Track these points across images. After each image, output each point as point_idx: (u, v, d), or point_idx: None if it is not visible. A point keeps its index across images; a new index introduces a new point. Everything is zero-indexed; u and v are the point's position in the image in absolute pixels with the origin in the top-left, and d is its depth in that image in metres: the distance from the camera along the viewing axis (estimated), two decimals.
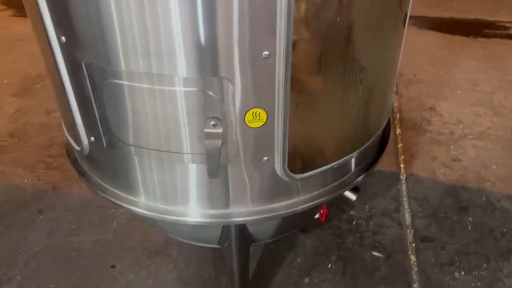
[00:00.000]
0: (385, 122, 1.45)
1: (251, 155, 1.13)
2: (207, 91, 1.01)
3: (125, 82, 1.04)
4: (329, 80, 1.11)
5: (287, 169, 1.16)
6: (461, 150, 2.46)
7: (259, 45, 0.97)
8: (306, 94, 1.10)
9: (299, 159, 1.19)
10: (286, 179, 1.19)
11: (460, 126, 2.66)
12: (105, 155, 1.26)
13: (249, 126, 1.08)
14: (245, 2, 0.92)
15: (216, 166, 1.10)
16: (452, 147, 2.49)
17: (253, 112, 1.06)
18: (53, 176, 2.32)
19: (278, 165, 1.15)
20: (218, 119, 1.05)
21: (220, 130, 1.06)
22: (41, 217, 2.09)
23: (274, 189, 1.23)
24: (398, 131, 2.61)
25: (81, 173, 1.39)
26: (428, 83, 3.13)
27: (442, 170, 2.33)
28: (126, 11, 0.95)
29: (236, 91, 1.02)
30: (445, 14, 4.23)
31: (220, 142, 1.06)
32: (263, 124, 1.08)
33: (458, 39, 3.76)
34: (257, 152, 1.13)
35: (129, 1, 0.93)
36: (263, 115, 1.07)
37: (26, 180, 2.31)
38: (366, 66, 1.14)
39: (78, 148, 1.31)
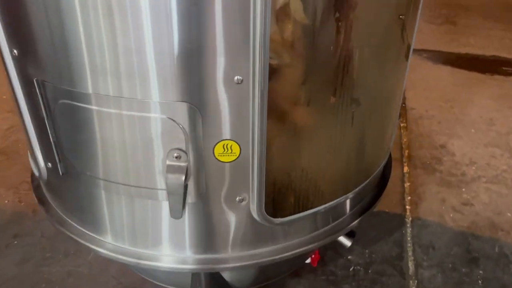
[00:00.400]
0: (385, 161, 1.29)
1: (222, 193, 0.97)
2: (169, 118, 0.87)
3: (78, 104, 0.90)
4: (315, 112, 0.95)
5: (264, 211, 1.00)
6: (473, 194, 2.26)
7: (229, 68, 0.83)
8: (287, 127, 0.94)
9: (279, 201, 1.02)
10: (264, 223, 1.02)
11: (473, 168, 2.47)
12: (65, 185, 1.12)
13: (219, 160, 0.92)
14: (213, 18, 0.78)
15: (178, 205, 0.94)
16: (463, 189, 2.30)
17: (224, 145, 0.91)
18: (35, 198, 2.18)
19: (254, 207, 0.99)
20: (182, 150, 0.90)
21: (184, 164, 0.91)
22: (15, 242, 1.94)
23: (251, 233, 1.06)
24: (405, 169, 2.43)
25: (42, 202, 1.25)
26: (440, 119, 2.95)
27: (451, 215, 2.13)
28: (76, 27, 0.82)
29: (203, 120, 0.87)
30: (462, 50, 4.07)
31: (183, 177, 0.90)
32: (236, 159, 0.93)
33: (474, 75, 3.59)
34: (229, 190, 0.97)
35: (77, 14, 0.80)
36: (236, 149, 0.92)
37: (6, 201, 2.17)
38: (359, 98, 0.99)
39: (36, 173, 1.17)
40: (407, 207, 2.16)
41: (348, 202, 1.24)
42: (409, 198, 2.22)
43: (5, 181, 2.31)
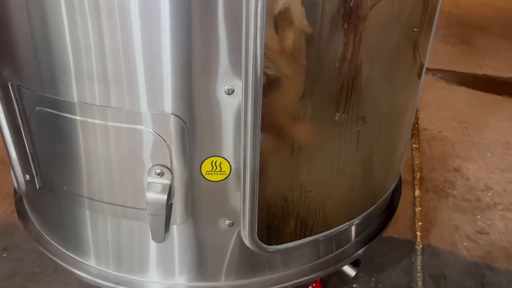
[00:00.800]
0: (394, 184, 1.17)
1: (210, 216, 0.87)
2: (150, 130, 0.77)
3: (54, 112, 0.81)
4: (316, 129, 0.85)
5: (256, 238, 0.89)
6: (489, 222, 2.12)
7: (219, 77, 0.73)
8: (284, 144, 0.84)
9: (274, 227, 0.92)
10: (256, 250, 0.91)
11: (489, 193, 2.33)
12: (44, 200, 1.02)
13: (207, 179, 0.82)
14: (204, 22, 0.69)
15: (160, 227, 0.84)
16: (478, 217, 2.16)
17: (212, 162, 0.81)
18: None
19: (246, 232, 0.88)
20: (166, 167, 0.80)
21: (167, 181, 0.81)
22: (4, 255, 1.85)
23: (245, 261, 0.95)
24: (417, 192, 2.30)
25: (21, 216, 1.15)
26: (454, 141, 2.82)
27: (465, 243, 1.99)
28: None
29: (190, 133, 0.78)
30: (478, 70, 3.95)
31: (165, 196, 0.80)
32: (225, 178, 0.83)
33: (490, 97, 3.46)
34: (218, 213, 0.87)
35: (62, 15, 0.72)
36: (225, 167, 0.82)
37: (0, 211, 2.09)
38: (365, 115, 0.88)
39: (15, 185, 1.08)
40: (418, 233, 2.02)
41: (353, 228, 1.13)
42: (420, 223, 2.08)
43: (1, 190, 2.24)
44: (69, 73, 0.76)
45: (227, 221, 0.87)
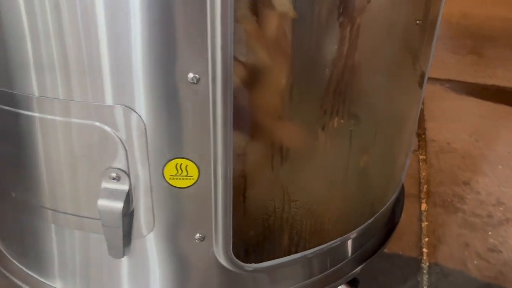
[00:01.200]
0: (394, 195, 1.04)
1: (178, 229, 0.75)
2: (102, 126, 0.65)
3: None
4: (300, 127, 0.73)
5: (232, 255, 0.76)
6: (501, 239, 1.97)
7: (182, 62, 0.62)
8: (263, 145, 0.72)
9: (254, 242, 0.79)
10: (233, 269, 0.78)
11: (501, 208, 2.18)
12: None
13: (171, 185, 0.70)
14: None
15: (118, 241, 0.71)
16: (489, 233, 2.00)
17: (176, 165, 0.68)
18: None
19: (219, 248, 0.75)
20: (122, 170, 0.68)
21: (124, 187, 0.69)
22: None
23: (224, 281, 0.82)
24: (423, 206, 2.15)
25: None
26: (464, 154, 2.67)
27: (475, 262, 1.83)
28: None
29: (149, 130, 0.66)
30: (488, 81, 3.81)
31: (121, 204, 0.68)
32: (193, 184, 0.70)
33: (502, 108, 3.31)
34: (186, 225, 0.74)
35: None
36: (193, 170, 0.69)
37: None
38: (358, 117, 0.76)
39: None
40: (424, 250, 1.87)
41: (349, 244, 1.00)
42: (426, 239, 1.93)
43: None
44: (25, 63, 0.65)
45: (198, 235, 0.74)
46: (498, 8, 4.86)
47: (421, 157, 2.56)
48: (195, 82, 0.62)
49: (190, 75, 0.61)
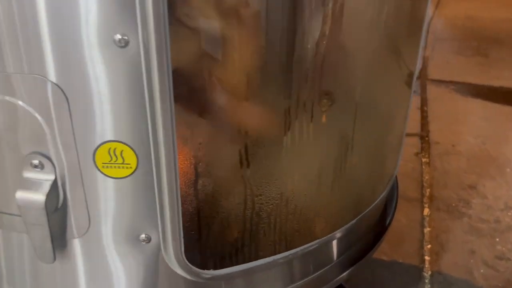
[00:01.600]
0: (383, 194, 0.91)
1: (117, 228, 0.63)
2: (20, 102, 0.54)
3: None
4: (261, 106, 0.61)
5: (185, 259, 0.64)
6: (510, 246, 1.82)
7: (105, 20, 0.50)
8: (216, 126, 0.60)
9: (210, 243, 0.67)
10: (186, 275, 0.66)
11: (509, 214, 2.03)
12: None
13: (106, 175, 0.59)
14: None
15: (45, 242, 0.60)
16: (497, 239, 1.86)
17: (109, 150, 0.57)
18: None
19: (169, 251, 0.64)
20: (45, 156, 0.57)
21: (49, 177, 0.58)
22: None
23: None
24: (426, 211, 2.02)
25: None
26: (469, 156, 2.53)
27: (482, 271, 1.69)
28: None
29: (72, 107, 0.54)
30: (495, 83, 3.66)
31: (44, 197, 0.57)
32: (132, 173, 0.59)
33: (509, 110, 3.16)
34: (127, 224, 0.62)
35: None
36: (130, 157, 0.58)
37: None
38: (333, 92, 0.64)
39: None
40: (426, 257, 1.73)
41: (334, 245, 0.88)
42: (429, 246, 1.80)
43: None
44: None
45: (142, 235, 0.63)
46: (504, 10, 4.74)
47: (424, 159, 2.42)
48: (123, 45, 0.50)
49: (117, 36, 0.50)
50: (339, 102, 0.68)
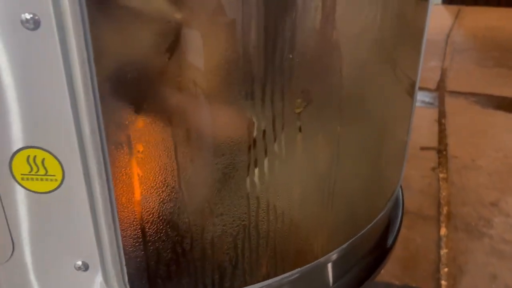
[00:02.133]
0: (383, 212, 0.78)
1: (47, 254, 0.53)
2: None
3: None
4: (221, 103, 0.50)
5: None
6: None
7: None
8: (161, 128, 0.50)
9: (162, 271, 0.56)
10: None
11: None
12: None
13: (26, 189, 0.49)
14: None
15: None
16: None
17: (28, 158, 0.47)
18: None
19: (110, 280, 0.53)
20: None
21: None
22: None
23: None
24: (443, 231, 1.86)
25: None
26: (490, 171, 2.36)
27: None
28: None
29: None
30: None
31: None
32: (58, 187, 0.48)
33: None
34: (58, 250, 0.52)
35: None
36: (54, 167, 0.47)
37: None
38: (309, 90, 0.53)
39: None
40: (443, 282, 1.58)
41: (328, 270, 0.75)
42: (445, 270, 1.64)
43: None
44: None
45: (78, 262, 0.52)
46: None
47: (441, 175, 2.26)
48: (32, 27, 0.40)
49: (25, 15, 0.40)
50: (327, 110, 0.57)
